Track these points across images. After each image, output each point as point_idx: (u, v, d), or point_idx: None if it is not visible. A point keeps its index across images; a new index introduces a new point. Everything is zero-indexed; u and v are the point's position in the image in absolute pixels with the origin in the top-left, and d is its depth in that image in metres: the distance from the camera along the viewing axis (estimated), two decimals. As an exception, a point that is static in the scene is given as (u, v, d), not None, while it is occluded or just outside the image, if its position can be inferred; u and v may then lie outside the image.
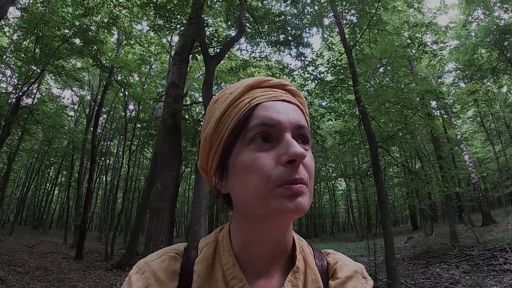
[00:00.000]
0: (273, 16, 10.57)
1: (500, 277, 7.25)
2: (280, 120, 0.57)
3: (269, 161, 0.55)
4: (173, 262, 0.62)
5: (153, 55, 16.45)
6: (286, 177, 0.54)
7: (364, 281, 0.67)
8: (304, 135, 0.60)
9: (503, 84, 19.19)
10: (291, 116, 0.59)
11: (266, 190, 0.54)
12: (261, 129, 0.57)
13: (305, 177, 0.55)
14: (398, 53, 9.88)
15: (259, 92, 0.61)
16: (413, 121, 9.20)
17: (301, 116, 0.61)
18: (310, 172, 0.58)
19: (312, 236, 31.54)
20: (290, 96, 0.63)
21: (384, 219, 7.61)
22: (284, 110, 0.59)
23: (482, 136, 25.35)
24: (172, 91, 8.84)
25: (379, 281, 7.75)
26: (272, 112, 0.58)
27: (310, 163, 0.58)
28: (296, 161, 0.54)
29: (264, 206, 0.55)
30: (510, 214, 17.61)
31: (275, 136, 0.57)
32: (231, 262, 0.61)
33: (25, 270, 8.56)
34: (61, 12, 12.14)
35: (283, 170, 0.54)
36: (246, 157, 0.57)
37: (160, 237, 7.05)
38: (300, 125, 0.59)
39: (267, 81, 0.64)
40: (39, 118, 13.90)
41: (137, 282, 0.59)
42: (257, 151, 0.56)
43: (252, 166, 0.55)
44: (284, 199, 0.53)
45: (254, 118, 0.58)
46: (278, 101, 0.60)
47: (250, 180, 0.55)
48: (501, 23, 15.32)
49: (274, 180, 0.54)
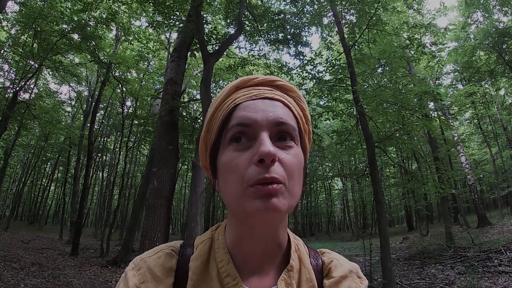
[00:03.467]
0: (272, 15, 10.56)
1: (495, 279, 7.29)
2: (256, 119, 0.57)
3: (243, 161, 0.55)
4: (169, 259, 0.62)
5: (152, 51, 16.42)
6: (256, 177, 0.53)
7: (359, 281, 0.67)
8: (285, 132, 0.59)
9: (501, 87, 19.23)
10: (269, 114, 0.58)
11: (241, 190, 0.54)
12: (238, 129, 0.58)
13: (279, 176, 0.54)
14: (396, 54, 9.91)
15: (242, 92, 0.62)
16: (411, 122, 9.22)
17: (284, 112, 0.60)
18: (290, 170, 0.56)
19: (308, 235, 31.60)
20: (277, 92, 0.63)
21: (380, 219, 7.63)
22: (263, 108, 0.59)
23: (479, 138, 25.42)
24: (170, 88, 8.82)
25: (374, 281, 7.77)
26: (249, 112, 0.58)
27: (290, 161, 0.57)
28: (265, 160, 0.53)
29: (239, 206, 0.55)
30: (505, 216, 17.73)
31: (252, 135, 0.57)
32: (226, 260, 0.61)
33: (20, 265, 8.54)
34: (60, 7, 12.07)
35: (255, 169, 0.54)
36: (225, 157, 0.58)
37: (156, 234, 7.04)
38: (279, 122, 0.58)
39: (252, 80, 0.64)
40: (36, 113, 13.82)
41: (133, 278, 0.59)
42: (234, 151, 0.57)
43: (229, 166, 0.57)
44: (256, 199, 0.53)
45: (233, 119, 0.59)
46: (259, 99, 0.60)
47: (228, 180, 0.57)
48: (500, 26, 15.37)
49: (247, 180, 0.54)
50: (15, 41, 12.89)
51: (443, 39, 16.00)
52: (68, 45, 12.51)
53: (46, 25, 11.90)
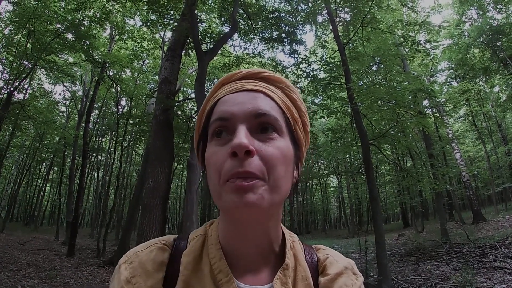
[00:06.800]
0: (266, 13, 10.57)
1: (490, 274, 7.33)
2: (233, 112, 0.57)
3: (221, 156, 0.55)
4: (161, 253, 0.62)
5: (146, 50, 16.33)
6: (231, 171, 0.52)
7: (355, 277, 0.66)
8: (266, 123, 0.57)
9: (495, 84, 19.36)
10: (247, 106, 0.57)
11: (219, 184, 0.54)
12: (217, 124, 0.58)
13: (256, 170, 0.52)
14: (391, 52, 9.92)
15: (225, 88, 0.62)
16: (405, 119, 9.24)
17: (265, 103, 0.58)
18: (271, 163, 0.54)
19: (304, 233, 31.67)
20: (260, 83, 0.61)
21: (375, 216, 7.67)
22: (242, 100, 0.58)
23: (474, 135, 25.59)
24: (164, 87, 8.81)
25: (370, 278, 7.79)
26: (227, 106, 0.58)
27: (271, 153, 0.55)
28: (238, 153, 0.52)
29: (219, 200, 0.55)
30: (500, 212, 17.80)
31: (232, 129, 0.56)
32: (218, 256, 0.60)
33: (17, 267, 8.50)
34: (54, 7, 11.98)
35: (230, 163, 0.53)
36: (207, 153, 0.59)
37: (152, 233, 7.03)
38: (258, 113, 0.56)
39: (236, 74, 0.63)
40: (31, 113, 13.74)
41: (124, 272, 0.59)
42: (215, 146, 0.57)
43: (210, 161, 0.57)
44: (232, 193, 0.52)
45: (213, 114, 0.59)
46: (239, 92, 0.60)
47: (211, 174, 0.57)
48: (494, 23, 15.47)
49: (224, 174, 0.53)
50: (9, 41, 12.79)
51: (438, 36, 16.08)
52: (62, 44, 12.41)
53: (40, 24, 11.81)
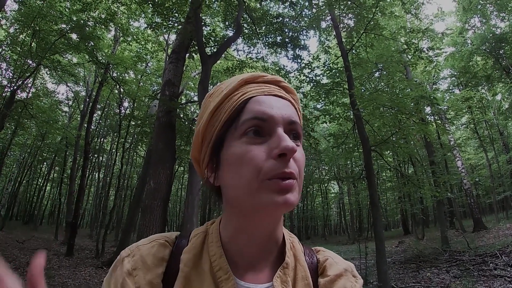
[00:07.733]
0: (271, 18, 10.60)
1: (490, 282, 7.31)
2: (273, 115, 0.58)
3: (260, 154, 0.55)
4: (162, 249, 0.63)
5: (150, 52, 16.35)
6: (276, 170, 0.54)
7: (354, 280, 0.67)
8: (295, 131, 0.60)
9: (497, 92, 19.30)
10: (283, 111, 0.59)
11: (256, 182, 0.55)
12: (254, 123, 0.57)
13: (295, 171, 0.56)
14: (394, 58, 9.95)
15: (253, 87, 0.62)
16: (407, 126, 9.24)
17: (293, 112, 0.62)
18: (300, 167, 0.58)
19: (304, 238, 31.59)
20: (283, 92, 0.64)
21: (376, 222, 7.64)
22: (277, 105, 0.60)
23: (475, 142, 25.51)
24: (167, 89, 8.80)
25: (370, 284, 7.77)
26: (265, 107, 0.59)
27: (300, 158, 0.59)
28: (287, 155, 0.54)
29: (253, 198, 0.55)
30: (501, 220, 17.76)
31: (267, 130, 0.58)
32: (218, 254, 0.61)
33: (15, 265, 8.51)
34: (59, 7, 12.04)
35: (274, 163, 0.55)
36: (238, 149, 0.57)
37: (152, 235, 7.02)
38: (292, 121, 0.59)
39: (262, 77, 0.64)
40: (33, 112, 13.77)
41: (127, 264, 0.60)
42: (249, 144, 0.57)
43: (243, 158, 0.56)
44: (274, 193, 0.54)
45: (246, 112, 0.59)
46: (271, 95, 0.61)
47: (242, 172, 0.56)
48: (497, 31, 15.48)
49: (265, 173, 0.54)
50: (14, 40, 12.83)
51: (440, 44, 16.04)
52: (67, 44, 12.48)
53: (45, 24, 11.85)
